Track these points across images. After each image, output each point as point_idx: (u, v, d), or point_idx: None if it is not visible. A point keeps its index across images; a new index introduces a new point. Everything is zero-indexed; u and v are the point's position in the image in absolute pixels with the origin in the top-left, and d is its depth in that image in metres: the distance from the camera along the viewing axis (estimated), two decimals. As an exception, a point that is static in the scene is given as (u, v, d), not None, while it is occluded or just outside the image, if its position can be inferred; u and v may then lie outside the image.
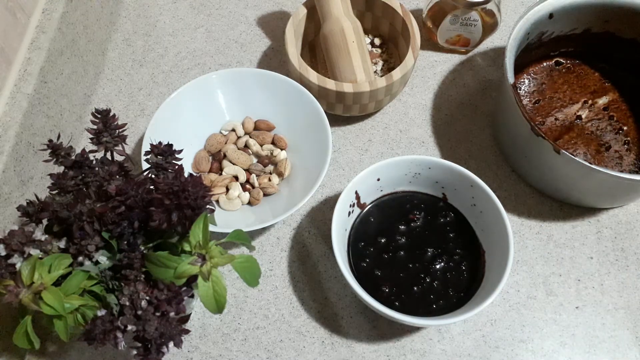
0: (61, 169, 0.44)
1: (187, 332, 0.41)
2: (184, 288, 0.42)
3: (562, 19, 0.61)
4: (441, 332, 0.55)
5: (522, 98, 0.65)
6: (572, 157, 0.51)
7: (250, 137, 0.64)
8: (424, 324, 0.50)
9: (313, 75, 0.60)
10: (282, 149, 0.63)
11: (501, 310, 0.56)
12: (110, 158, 0.45)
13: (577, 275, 0.57)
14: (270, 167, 0.63)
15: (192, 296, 0.48)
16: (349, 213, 0.55)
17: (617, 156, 0.61)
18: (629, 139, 0.62)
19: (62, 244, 0.42)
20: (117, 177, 0.44)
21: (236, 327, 0.55)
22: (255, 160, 0.64)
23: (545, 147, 0.53)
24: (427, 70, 0.70)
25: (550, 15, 0.60)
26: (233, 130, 0.64)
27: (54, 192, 0.44)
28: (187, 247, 0.42)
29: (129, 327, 0.39)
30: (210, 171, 0.62)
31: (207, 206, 0.41)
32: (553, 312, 0.56)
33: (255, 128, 0.65)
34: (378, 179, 0.56)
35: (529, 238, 0.59)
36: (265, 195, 0.61)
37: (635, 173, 0.60)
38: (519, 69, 0.65)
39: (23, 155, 0.54)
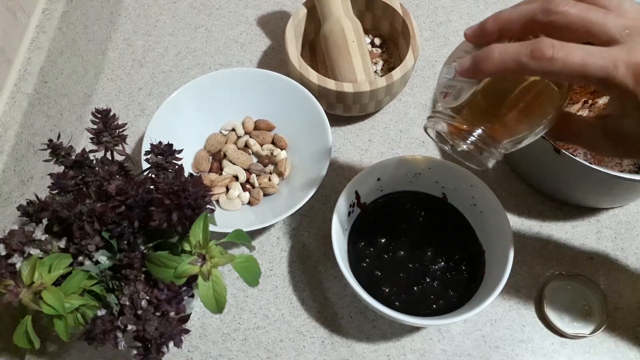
0: (61, 168, 0.44)
1: (187, 331, 0.41)
2: (184, 288, 0.42)
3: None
4: (441, 332, 0.55)
5: (522, 98, 0.65)
6: (572, 157, 0.51)
7: (250, 136, 0.64)
8: (424, 324, 0.50)
9: (313, 75, 0.60)
10: (282, 149, 0.63)
11: (501, 310, 0.56)
12: (110, 158, 0.45)
13: (577, 275, 0.57)
14: (270, 167, 0.63)
15: (192, 296, 0.48)
16: (349, 213, 0.55)
17: (602, 107, 0.60)
18: (629, 139, 0.62)
19: (62, 243, 0.42)
20: (117, 176, 0.44)
21: (236, 327, 0.55)
22: (255, 160, 0.64)
23: (545, 147, 0.53)
24: (427, 70, 0.70)
25: (551, 15, 0.60)
26: (233, 130, 0.64)
27: (54, 192, 0.44)
28: (187, 247, 0.42)
29: (129, 327, 0.39)
30: (210, 171, 0.62)
31: (207, 206, 0.41)
32: (553, 312, 0.56)
33: (255, 128, 0.65)
34: (378, 179, 0.56)
35: (529, 238, 0.59)
36: (265, 195, 0.61)
37: (635, 173, 0.60)
38: (519, 69, 0.65)
39: (23, 155, 0.54)
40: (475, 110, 0.37)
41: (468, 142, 0.37)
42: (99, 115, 0.44)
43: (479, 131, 0.36)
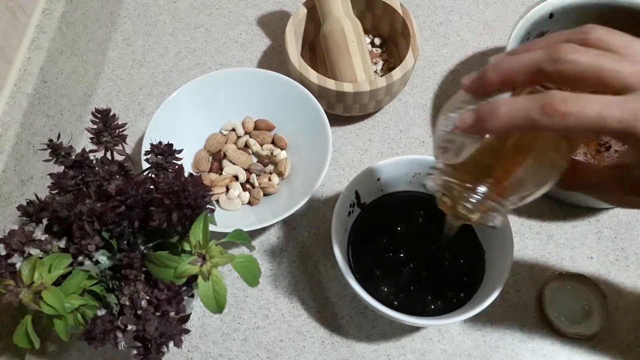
0: (61, 168, 0.44)
1: (187, 331, 0.41)
2: (184, 288, 0.42)
3: (562, 19, 0.61)
4: (441, 332, 0.55)
5: (522, 98, 0.65)
6: (572, 157, 0.51)
7: (250, 136, 0.64)
8: (424, 324, 0.50)
9: (313, 75, 0.60)
10: (282, 149, 0.63)
11: (501, 310, 0.56)
12: (110, 158, 0.45)
13: (577, 275, 0.57)
14: (270, 167, 0.63)
15: (192, 296, 0.48)
16: (349, 213, 0.55)
17: (617, 156, 0.61)
18: (629, 139, 0.62)
19: (62, 243, 0.42)
20: (117, 176, 0.44)
21: (236, 327, 0.55)
22: (255, 160, 0.64)
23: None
24: (427, 70, 0.70)
25: (551, 15, 0.60)
26: (233, 129, 0.64)
27: (54, 192, 0.44)
28: (187, 247, 0.42)
29: (129, 327, 0.39)
30: (210, 171, 0.62)
31: (207, 206, 0.41)
32: (553, 312, 0.56)
33: (255, 128, 0.65)
34: (378, 179, 0.55)
35: (529, 238, 0.59)
36: (265, 195, 0.61)
37: (635, 173, 0.60)
38: (519, 69, 0.65)
39: (23, 155, 0.54)
40: (478, 166, 0.34)
41: (472, 200, 0.34)
42: (99, 115, 0.44)
43: (484, 188, 0.34)
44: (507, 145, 0.34)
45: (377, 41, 0.70)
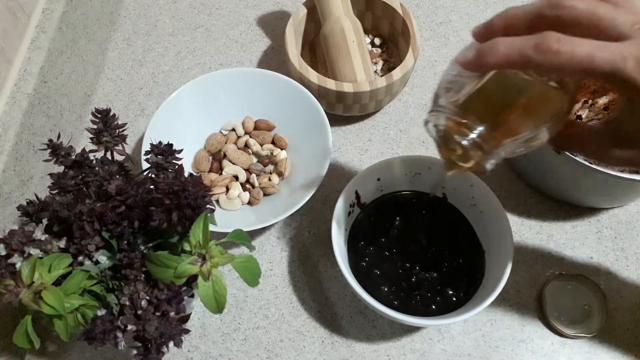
0: (61, 168, 0.44)
1: (187, 331, 0.41)
2: (184, 288, 0.42)
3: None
4: (441, 332, 0.55)
5: (522, 98, 0.64)
6: (572, 157, 0.51)
7: (250, 136, 0.64)
8: (424, 324, 0.50)
9: (313, 75, 0.60)
10: (282, 149, 0.63)
11: (501, 310, 0.56)
12: (110, 158, 0.45)
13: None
14: (270, 167, 0.63)
15: (192, 296, 0.48)
16: (349, 213, 0.55)
17: (608, 112, 0.60)
18: (629, 139, 0.62)
19: (62, 243, 0.42)
20: (117, 176, 0.44)
21: (236, 327, 0.55)
22: (255, 160, 0.64)
23: (545, 147, 0.52)
24: (427, 70, 0.70)
25: (551, 15, 0.60)
26: (233, 129, 0.64)
27: (54, 192, 0.44)
28: (187, 247, 0.42)
29: (129, 327, 0.39)
30: (210, 171, 0.62)
31: (207, 206, 0.41)
32: (553, 312, 0.56)
33: (255, 128, 0.65)
34: (378, 179, 0.56)
35: (529, 238, 0.59)
36: (265, 195, 0.61)
37: (635, 173, 0.60)
38: (519, 68, 0.65)
39: (23, 155, 0.54)
40: (477, 107, 0.36)
41: (468, 138, 0.36)
42: (99, 115, 0.44)
43: (481, 128, 0.35)
44: (505, 90, 0.36)
45: (377, 41, 0.70)
